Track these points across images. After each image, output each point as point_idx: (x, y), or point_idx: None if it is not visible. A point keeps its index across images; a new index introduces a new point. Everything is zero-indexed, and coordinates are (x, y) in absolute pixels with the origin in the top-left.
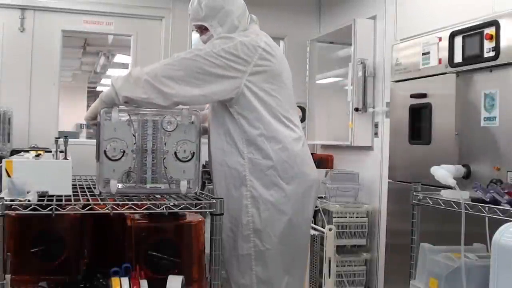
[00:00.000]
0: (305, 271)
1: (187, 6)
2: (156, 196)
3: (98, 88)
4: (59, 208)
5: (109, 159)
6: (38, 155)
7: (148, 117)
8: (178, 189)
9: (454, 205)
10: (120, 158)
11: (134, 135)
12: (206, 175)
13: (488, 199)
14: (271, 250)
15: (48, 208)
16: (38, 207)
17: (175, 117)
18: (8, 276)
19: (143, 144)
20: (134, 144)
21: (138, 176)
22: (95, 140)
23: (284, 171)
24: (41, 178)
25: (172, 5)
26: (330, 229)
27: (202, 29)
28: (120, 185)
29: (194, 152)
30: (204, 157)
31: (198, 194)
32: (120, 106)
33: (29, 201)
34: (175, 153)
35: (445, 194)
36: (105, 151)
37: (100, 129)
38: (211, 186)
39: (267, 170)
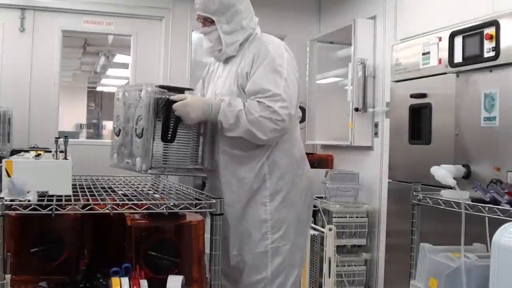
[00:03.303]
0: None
1: (187, 6)
2: (155, 195)
3: (98, 88)
4: (59, 208)
5: (116, 134)
6: (38, 155)
7: (132, 95)
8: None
9: (454, 205)
10: (119, 134)
11: (124, 113)
12: None
13: (488, 199)
14: (287, 245)
15: (48, 208)
16: (38, 207)
17: (139, 93)
18: (8, 276)
19: (126, 122)
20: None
21: (128, 151)
22: (95, 140)
23: (299, 168)
24: (41, 178)
25: (172, 5)
26: (330, 229)
27: (207, 22)
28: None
29: (143, 128)
30: None
31: (146, 170)
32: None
33: (29, 201)
34: (136, 129)
35: (445, 194)
36: (114, 127)
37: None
38: None
39: (285, 168)
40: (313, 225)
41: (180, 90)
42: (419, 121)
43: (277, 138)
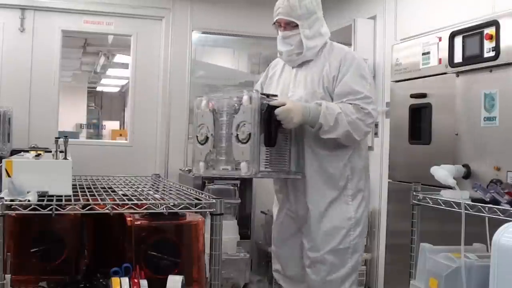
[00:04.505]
0: None
1: (187, 6)
2: (155, 195)
3: (98, 88)
4: (59, 208)
5: (199, 143)
6: (38, 155)
7: (223, 103)
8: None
9: (454, 205)
10: (205, 142)
11: (214, 121)
12: None
13: (488, 199)
14: (361, 242)
15: (48, 208)
16: (38, 207)
17: (238, 99)
18: (8, 276)
19: (219, 129)
20: (214, 129)
21: (216, 158)
22: (95, 140)
23: (367, 172)
24: (41, 178)
25: (172, 5)
26: None
27: (290, 26)
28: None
29: (250, 133)
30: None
31: (255, 174)
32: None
33: (29, 201)
34: (237, 135)
35: (445, 194)
36: (196, 136)
37: (194, 116)
38: (211, 186)
39: (362, 170)
40: None
41: (267, 96)
42: (419, 121)
43: (363, 140)
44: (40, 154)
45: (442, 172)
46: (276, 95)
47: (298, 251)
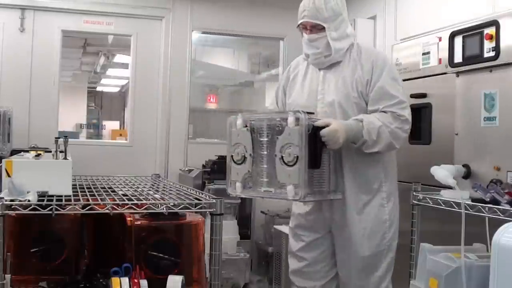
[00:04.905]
0: None
1: (187, 6)
2: (155, 195)
3: (98, 88)
4: (59, 208)
5: (235, 162)
6: (38, 155)
7: (263, 122)
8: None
9: (454, 205)
10: (242, 162)
11: (252, 141)
12: (206, 175)
13: (488, 199)
14: (395, 242)
15: (48, 208)
16: (38, 207)
17: (281, 120)
18: (8, 276)
19: (259, 149)
20: (253, 149)
21: (255, 179)
22: (95, 140)
23: (396, 173)
24: (41, 178)
25: (172, 5)
26: None
27: (316, 29)
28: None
29: (297, 156)
30: (204, 157)
31: (303, 197)
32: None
33: (29, 201)
34: (282, 157)
35: (445, 194)
36: (232, 155)
37: (228, 135)
38: (211, 186)
39: (393, 174)
40: None
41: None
42: (419, 121)
43: None
44: (40, 154)
45: (442, 172)
46: (312, 113)
47: (325, 252)
